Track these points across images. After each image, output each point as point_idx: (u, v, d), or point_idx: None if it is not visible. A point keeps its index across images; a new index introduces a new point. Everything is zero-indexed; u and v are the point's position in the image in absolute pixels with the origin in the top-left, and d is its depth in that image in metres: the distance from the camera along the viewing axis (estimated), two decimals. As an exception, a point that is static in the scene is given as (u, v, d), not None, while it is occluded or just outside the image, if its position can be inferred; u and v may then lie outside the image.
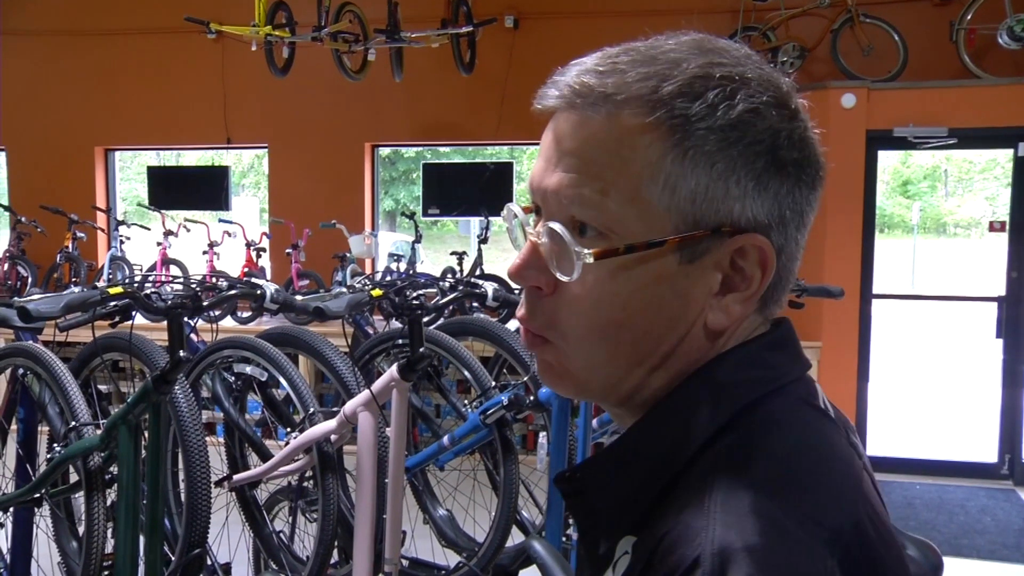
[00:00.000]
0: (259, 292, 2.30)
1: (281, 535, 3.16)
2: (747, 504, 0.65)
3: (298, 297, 2.45)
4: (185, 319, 2.20)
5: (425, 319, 2.57)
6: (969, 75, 5.94)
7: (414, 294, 2.47)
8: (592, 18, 6.93)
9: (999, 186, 14.88)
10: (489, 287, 2.80)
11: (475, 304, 5.19)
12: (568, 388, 0.81)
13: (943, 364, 8.85)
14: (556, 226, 0.75)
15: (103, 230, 7.82)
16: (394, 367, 2.48)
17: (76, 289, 2.02)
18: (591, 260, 0.73)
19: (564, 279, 0.75)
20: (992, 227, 5.97)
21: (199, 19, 6.61)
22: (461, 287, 2.84)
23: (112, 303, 2.02)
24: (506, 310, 5.95)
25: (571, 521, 2.97)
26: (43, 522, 3.19)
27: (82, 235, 7.45)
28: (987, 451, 5.98)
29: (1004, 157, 12.59)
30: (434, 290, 2.98)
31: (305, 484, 3.29)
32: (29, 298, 1.90)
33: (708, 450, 0.71)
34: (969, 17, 5.90)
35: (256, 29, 6.37)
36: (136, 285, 2.11)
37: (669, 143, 0.72)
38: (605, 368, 0.77)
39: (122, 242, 7.45)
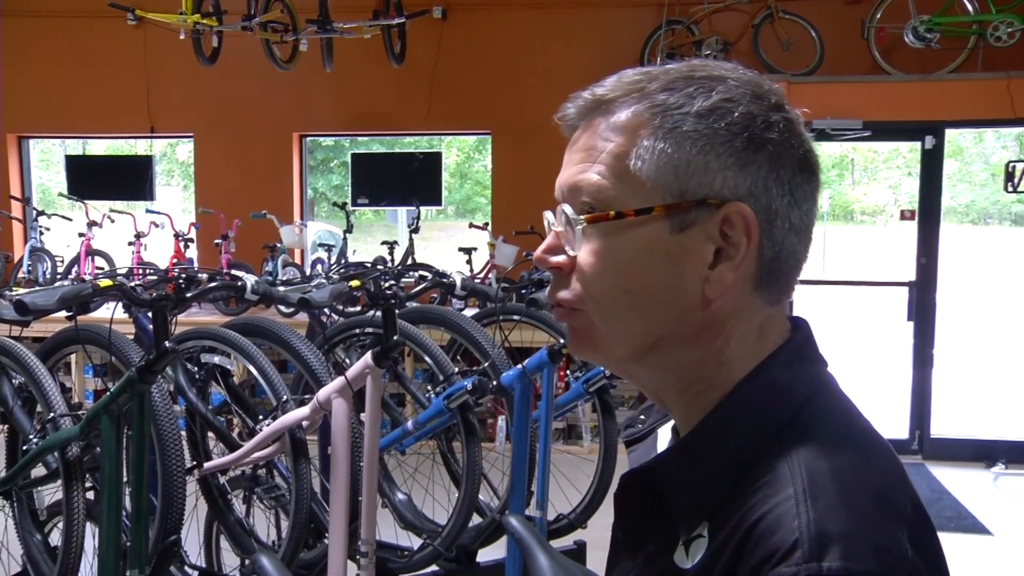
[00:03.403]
0: (239, 284, 2.35)
1: (244, 522, 3.20)
2: (834, 490, 0.75)
3: (280, 288, 2.50)
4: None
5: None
6: (880, 71, 6.25)
7: (388, 283, 2.55)
8: (520, 10, 7.04)
9: (901, 175, 15.55)
10: (457, 276, 2.89)
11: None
12: (594, 349, 0.90)
13: (856, 346, 9.27)
14: (564, 207, 0.88)
15: (19, 220, 7.59)
16: (368, 355, 2.56)
17: (69, 282, 2.04)
18: (583, 224, 0.85)
19: (572, 253, 0.87)
20: (903, 215, 6.31)
21: (124, 5, 6.49)
22: (431, 276, 2.92)
23: (102, 295, 2.05)
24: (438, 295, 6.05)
25: (532, 502, 3.10)
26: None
27: (-4, 226, 7.25)
28: (899, 428, 6.31)
29: (906, 147, 13.16)
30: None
31: (259, 472, 3.34)
32: (23, 292, 1.92)
33: (778, 441, 0.81)
34: (879, 16, 6.20)
35: (184, 17, 6.30)
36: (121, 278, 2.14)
37: (651, 127, 0.83)
38: (622, 329, 0.87)
39: (41, 233, 7.26)
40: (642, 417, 1.07)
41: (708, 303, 0.85)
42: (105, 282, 2.07)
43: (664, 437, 1.01)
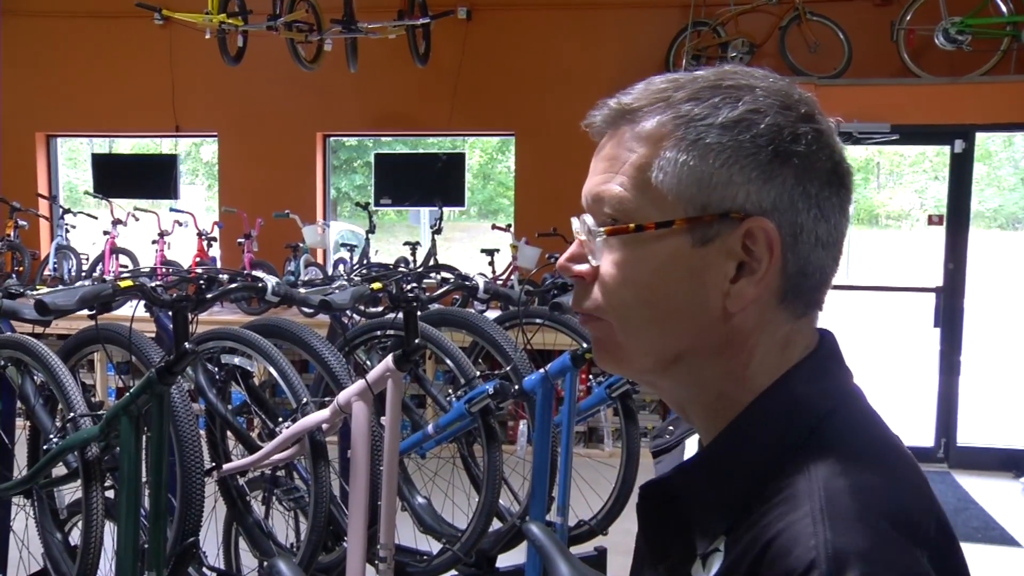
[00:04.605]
0: (260, 285, 2.34)
1: (263, 524, 3.19)
2: (852, 510, 0.72)
3: (301, 290, 2.49)
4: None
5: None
6: (909, 73, 6.17)
7: (410, 285, 2.53)
8: (544, 11, 7.01)
9: (927, 179, 15.39)
10: (480, 279, 2.87)
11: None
12: (616, 360, 0.89)
13: (881, 352, 9.18)
14: (586, 217, 0.87)
15: (46, 218, 7.64)
16: (389, 357, 2.54)
17: (91, 282, 2.04)
18: (603, 236, 0.84)
19: (594, 263, 0.86)
20: (931, 220, 6.22)
21: (151, 5, 6.53)
22: (453, 279, 2.90)
23: (123, 296, 2.04)
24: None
25: (553, 507, 3.07)
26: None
27: (24, 223, 7.29)
28: (924, 436, 6.22)
29: (933, 151, 13.03)
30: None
31: (279, 474, 3.33)
32: (43, 291, 1.92)
33: (797, 457, 0.78)
34: (908, 18, 6.12)
35: (209, 17, 6.32)
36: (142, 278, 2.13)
37: (674, 138, 0.81)
38: (643, 341, 0.86)
39: (67, 231, 7.31)
40: (671, 428, 1.05)
41: (729, 317, 0.83)
42: (126, 282, 2.06)
43: (691, 449, 0.99)
